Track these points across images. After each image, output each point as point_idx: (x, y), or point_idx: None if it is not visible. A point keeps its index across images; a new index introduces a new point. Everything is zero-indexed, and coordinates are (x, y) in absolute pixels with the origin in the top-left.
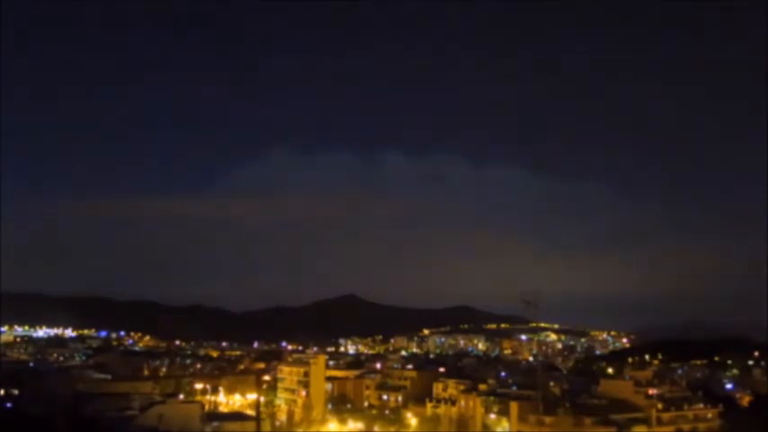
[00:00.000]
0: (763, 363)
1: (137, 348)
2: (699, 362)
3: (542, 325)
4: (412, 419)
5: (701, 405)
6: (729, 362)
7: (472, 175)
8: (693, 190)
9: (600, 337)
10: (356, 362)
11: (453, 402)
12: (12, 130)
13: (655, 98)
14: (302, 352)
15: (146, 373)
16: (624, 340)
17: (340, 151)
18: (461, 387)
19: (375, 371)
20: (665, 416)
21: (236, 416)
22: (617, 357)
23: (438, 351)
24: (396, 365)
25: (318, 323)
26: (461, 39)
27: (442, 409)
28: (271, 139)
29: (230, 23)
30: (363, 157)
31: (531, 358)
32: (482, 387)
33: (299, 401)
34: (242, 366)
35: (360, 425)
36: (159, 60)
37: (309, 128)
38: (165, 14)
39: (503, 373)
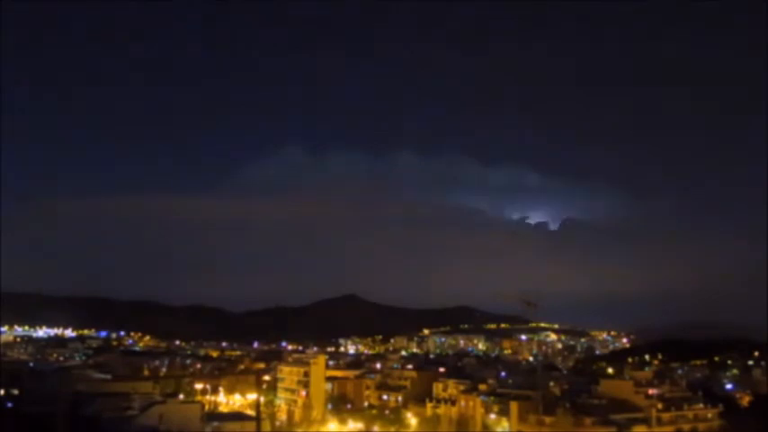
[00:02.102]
0: (763, 363)
1: (137, 348)
2: (699, 362)
3: (542, 325)
4: (412, 419)
5: (701, 405)
6: (729, 362)
7: (473, 175)
8: (694, 190)
9: (600, 337)
10: (356, 362)
11: (453, 402)
12: (12, 130)
13: (658, 97)
14: (302, 352)
15: (146, 373)
16: (624, 340)
17: (341, 152)
18: (461, 387)
19: (375, 371)
20: (665, 416)
21: (236, 416)
22: (617, 357)
23: (438, 351)
24: (396, 365)
25: (318, 323)
26: (466, 37)
27: (442, 409)
28: (273, 139)
29: (241, 23)
30: (366, 158)
31: (531, 358)
32: (482, 387)
33: (299, 401)
34: (242, 366)
35: (360, 425)
36: (165, 57)
37: (311, 128)
38: (174, 12)
39: (503, 373)
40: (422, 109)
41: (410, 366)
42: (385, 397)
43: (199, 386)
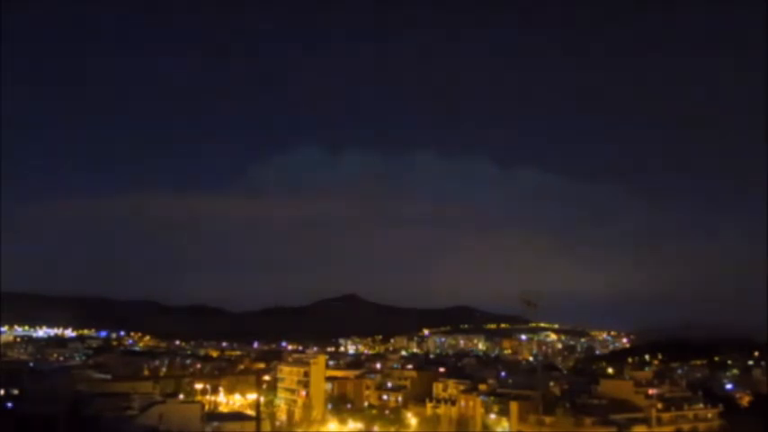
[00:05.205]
0: (763, 363)
1: (137, 348)
2: (699, 362)
3: (542, 325)
4: (412, 419)
5: (701, 405)
6: (729, 362)
7: (475, 176)
8: (694, 190)
9: (600, 337)
10: (356, 362)
11: (453, 402)
12: (12, 129)
13: (659, 99)
14: (302, 352)
15: (146, 373)
16: (624, 340)
17: (342, 152)
18: (461, 387)
19: (375, 371)
20: (665, 416)
21: (236, 416)
22: (617, 357)
23: (438, 351)
24: (396, 365)
25: (318, 323)
26: (479, 41)
27: (442, 409)
28: (274, 139)
29: (255, 22)
30: (367, 159)
31: (531, 358)
32: (482, 387)
33: (299, 401)
34: (242, 366)
35: (360, 425)
36: (176, 56)
37: (313, 129)
38: (183, 11)
39: (503, 373)
40: (425, 107)
41: (410, 366)
42: (385, 397)
43: (199, 386)
